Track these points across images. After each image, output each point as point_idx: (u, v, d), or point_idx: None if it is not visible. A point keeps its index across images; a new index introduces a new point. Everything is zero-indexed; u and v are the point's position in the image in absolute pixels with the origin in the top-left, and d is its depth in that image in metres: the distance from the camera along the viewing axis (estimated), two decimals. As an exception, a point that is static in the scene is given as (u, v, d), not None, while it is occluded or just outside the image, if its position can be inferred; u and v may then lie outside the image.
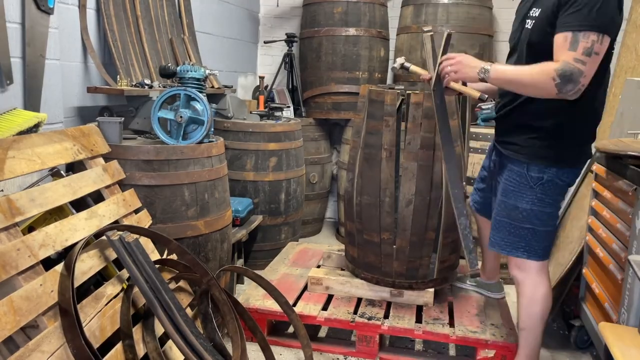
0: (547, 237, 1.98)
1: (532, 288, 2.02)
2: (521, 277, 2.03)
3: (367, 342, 2.37)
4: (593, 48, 1.66)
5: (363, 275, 2.59)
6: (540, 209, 1.94)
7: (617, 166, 2.25)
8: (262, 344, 2.15)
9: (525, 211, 1.95)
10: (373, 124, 2.44)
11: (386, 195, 2.42)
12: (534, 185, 1.92)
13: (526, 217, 1.95)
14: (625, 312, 1.99)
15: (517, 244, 1.99)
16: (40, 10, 2.10)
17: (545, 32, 1.78)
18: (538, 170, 1.91)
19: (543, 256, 2.00)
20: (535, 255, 1.99)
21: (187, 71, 2.42)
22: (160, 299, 1.73)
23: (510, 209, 1.98)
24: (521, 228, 1.97)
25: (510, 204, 1.98)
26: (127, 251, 1.76)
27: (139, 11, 2.85)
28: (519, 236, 1.98)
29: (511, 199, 1.98)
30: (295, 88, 4.19)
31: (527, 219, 1.95)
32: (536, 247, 1.98)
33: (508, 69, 1.86)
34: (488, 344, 2.26)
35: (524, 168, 1.93)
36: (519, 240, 1.98)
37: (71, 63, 2.47)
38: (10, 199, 1.56)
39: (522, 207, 1.95)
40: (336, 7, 3.90)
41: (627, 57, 3.36)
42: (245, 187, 3.34)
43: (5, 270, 1.44)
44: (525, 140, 1.92)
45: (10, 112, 1.97)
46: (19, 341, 1.43)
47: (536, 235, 1.97)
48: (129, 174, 2.19)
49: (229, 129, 3.30)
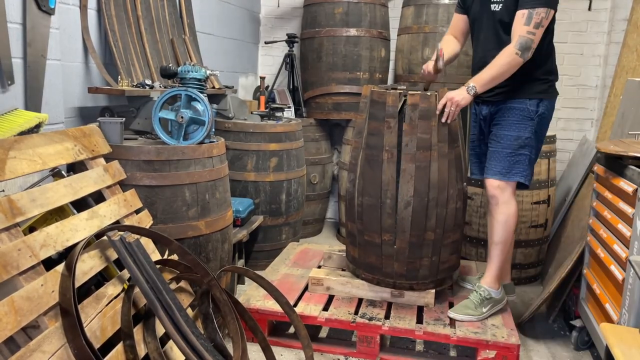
0: (533, 163, 2.48)
1: (509, 206, 2.44)
2: (503, 198, 2.44)
3: (367, 343, 2.37)
4: (541, 22, 2.26)
5: (364, 276, 2.59)
6: (535, 137, 2.42)
7: (618, 167, 2.25)
8: (262, 344, 2.15)
9: (527, 139, 2.40)
10: (374, 125, 2.44)
11: (387, 197, 2.42)
12: (531, 116, 2.40)
13: (526, 145, 2.41)
14: (626, 312, 1.99)
15: (516, 170, 2.42)
16: (41, 10, 2.10)
17: (511, 11, 2.33)
18: (536, 104, 2.41)
19: (530, 180, 2.47)
20: (527, 179, 2.45)
21: (188, 71, 2.43)
22: (161, 300, 1.73)
23: (512, 139, 2.41)
24: (520, 155, 2.41)
25: (513, 135, 2.41)
26: (128, 251, 1.76)
27: (139, 11, 2.85)
28: (518, 162, 2.41)
29: (514, 131, 2.41)
30: (296, 88, 4.19)
31: (526, 146, 2.41)
32: (528, 172, 2.44)
33: (483, 74, 2.34)
34: (489, 345, 2.26)
35: (525, 104, 2.40)
36: (518, 166, 2.41)
37: (72, 63, 2.47)
38: (11, 199, 1.57)
39: (524, 136, 2.40)
40: (337, 7, 3.90)
41: (628, 57, 3.36)
42: (246, 188, 3.34)
43: (7, 270, 1.44)
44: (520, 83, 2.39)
45: (11, 112, 1.97)
46: (20, 341, 1.43)
47: (530, 162, 2.44)
48: (129, 174, 2.20)
49: (230, 130, 3.30)
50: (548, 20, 2.29)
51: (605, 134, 3.35)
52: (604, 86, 3.99)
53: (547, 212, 3.39)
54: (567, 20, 4.10)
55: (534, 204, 3.33)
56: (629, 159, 2.20)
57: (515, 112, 2.41)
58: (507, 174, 2.43)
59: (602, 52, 4.09)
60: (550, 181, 3.39)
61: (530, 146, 2.42)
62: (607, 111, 3.51)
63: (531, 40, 2.27)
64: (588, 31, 4.09)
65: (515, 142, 2.41)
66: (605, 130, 3.39)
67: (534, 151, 2.45)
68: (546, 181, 3.35)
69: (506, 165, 2.42)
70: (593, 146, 3.41)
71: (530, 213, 3.34)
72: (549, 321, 2.87)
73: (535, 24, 2.26)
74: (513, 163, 2.41)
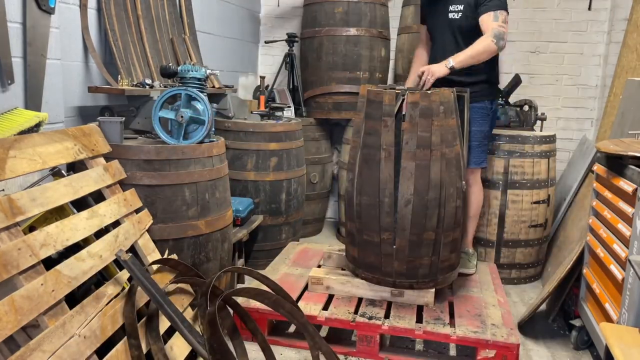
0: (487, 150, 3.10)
1: (479, 187, 3.10)
2: (474, 180, 3.06)
3: (367, 342, 2.37)
4: (505, 19, 2.74)
5: (363, 275, 2.59)
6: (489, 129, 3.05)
7: (618, 166, 2.25)
8: (262, 344, 2.14)
9: (487, 132, 3.01)
10: (372, 124, 2.44)
11: (385, 196, 2.42)
12: (489, 113, 2.98)
13: (486, 137, 3.02)
14: (626, 312, 1.99)
15: (482, 157, 3.02)
16: (41, 9, 2.10)
17: (469, 18, 2.81)
18: (490, 103, 2.98)
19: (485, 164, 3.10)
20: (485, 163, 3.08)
21: (188, 71, 2.43)
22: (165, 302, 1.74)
23: (477, 133, 2.94)
24: (483, 145, 3.00)
25: (478, 130, 2.94)
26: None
27: (140, 11, 2.85)
28: (483, 152, 3.02)
29: (478, 126, 2.94)
30: (296, 88, 4.19)
31: (486, 138, 3.02)
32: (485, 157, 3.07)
33: (463, 53, 2.71)
34: (488, 344, 2.26)
35: (484, 103, 2.94)
36: (483, 154, 3.03)
37: (72, 63, 2.47)
38: (11, 198, 1.57)
39: (485, 130, 2.99)
40: (337, 7, 3.90)
41: (627, 57, 3.36)
42: (246, 187, 3.34)
43: (7, 269, 1.44)
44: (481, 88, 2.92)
45: (12, 111, 1.97)
46: (20, 340, 1.44)
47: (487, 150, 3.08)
48: (129, 173, 2.20)
49: (230, 129, 3.30)
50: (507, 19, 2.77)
51: (605, 133, 3.35)
52: (604, 86, 3.99)
53: (546, 211, 3.39)
54: (567, 20, 4.10)
55: (533, 204, 3.33)
56: (629, 158, 2.20)
57: (478, 111, 2.92)
58: (479, 162, 3.01)
59: (602, 51, 4.09)
60: (550, 181, 3.39)
61: (489, 137, 3.07)
62: (607, 111, 3.51)
63: (503, 31, 2.70)
64: (588, 31, 4.09)
65: (479, 135, 2.96)
66: (605, 129, 3.39)
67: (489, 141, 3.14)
68: (546, 181, 3.35)
69: (478, 155, 2.98)
70: (593, 146, 3.42)
71: (530, 213, 3.34)
72: (549, 321, 2.87)
73: (502, 20, 2.73)
74: (481, 152, 3.00)
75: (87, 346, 1.57)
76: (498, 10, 2.73)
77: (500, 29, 2.69)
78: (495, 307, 2.58)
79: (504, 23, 2.72)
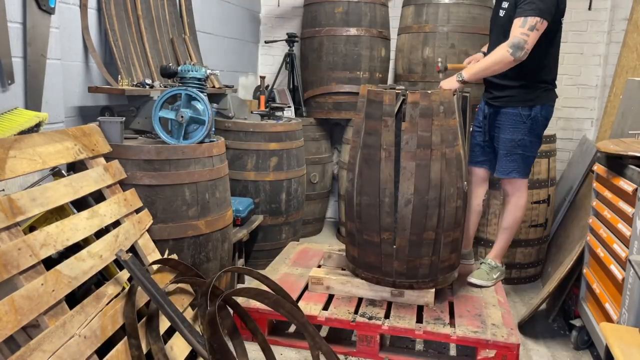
0: (531, 161, 2.79)
1: (517, 199, 2.81)
2: (511, 191, 2.82)
3: (367, 342, 2.37)
4: (535, 26, 2.48)
5: (364, 275, 2.59)
6: (529, 138, 2.70)
7: (618, 166, 2.25)
8: (262, 344, 2.14)
9: (520, 140, 2.71)
10: (372, 124, 2.44)
11: (385, 195, 2.42)
12: (525, 121, 2.68)
13: (519, 146, 2.71)
14: (626, 312, 1.99)
15: (510, 167, 2.75)
16: (41, 10, 2.10)
17: (512, 18, 2.58)
18: (528, 109, 2.68)
19: (527, 175, 2.80)
20: (523, 175, 2.77)
21: (188, 71, 2.43)
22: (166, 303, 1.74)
23: (507, 142, 2.72)
24: (514, 154, 2.72)
25: (507, 138, 2.72)
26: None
27: (140, 11, 2.85)
28: (513, 161, 2.74)
29: (508, 134, 2.71)
30: (296, 88, 4.19)
31: (519, 147, 2.71)
32: (522, 167, 2.75)
33: (474, 66, 2.65)
34: (489, 344, 2.26)
35: (517, 109, 2.69)
36: (513, 164, 2.74)
37: (72, 63, 2.47)
38: (11, 198, 1.57)
39: (517, 139, 2.70)
40: (337, 7, 3.90)
41: (628, 57, 3.36)
42: (246, 187, 3.34)
43: (7, 269, 1.44)
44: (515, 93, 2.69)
45: (12, 111, 1.97)
46: (20, 340, 1.44)
47: (524, 159, 2.74)
48: (130, 173, 2.20)
49: (230, 129, 3.30)
50: (542, 26, 2.51)
51: (605, 133, 3.35)
52: (604, 86, 3.99)
53: (547, 211, 3.39)
54: (567, 20, 4.07)
55: (534, 204, 3.33)
56: (629, 158, 2.20)
57: (509, 117, 2.72)
58: (504, 172, 2.78)
59: (602, 51, 4.08)
60: (550, 181, 3.39)
61: (524, 146, 2.72)
62: (607, 111, 3.51)
63: (524, 40, 2.48)
64: (588, 31, 4.09)
65: (509, 144, 2.73)
66: (605, 129, 3.39)
67: (529, 150, 2.74)
68: (546, 181, 3.35)
69: (504, 164, 2.77)
70: (593, 146, 3.42)
71: (530, 212, 3.34)
72: (549, 321, 2.87)
73: (529, 27, 2.49)
74: (509, 162, 2.75)
75: (87, 346, 1.57)
76: (530, 17, 2.48)
77: (521, 37, 2.47)
78: (496, 307, 2.58)
79: (530, 31, 2.48)
